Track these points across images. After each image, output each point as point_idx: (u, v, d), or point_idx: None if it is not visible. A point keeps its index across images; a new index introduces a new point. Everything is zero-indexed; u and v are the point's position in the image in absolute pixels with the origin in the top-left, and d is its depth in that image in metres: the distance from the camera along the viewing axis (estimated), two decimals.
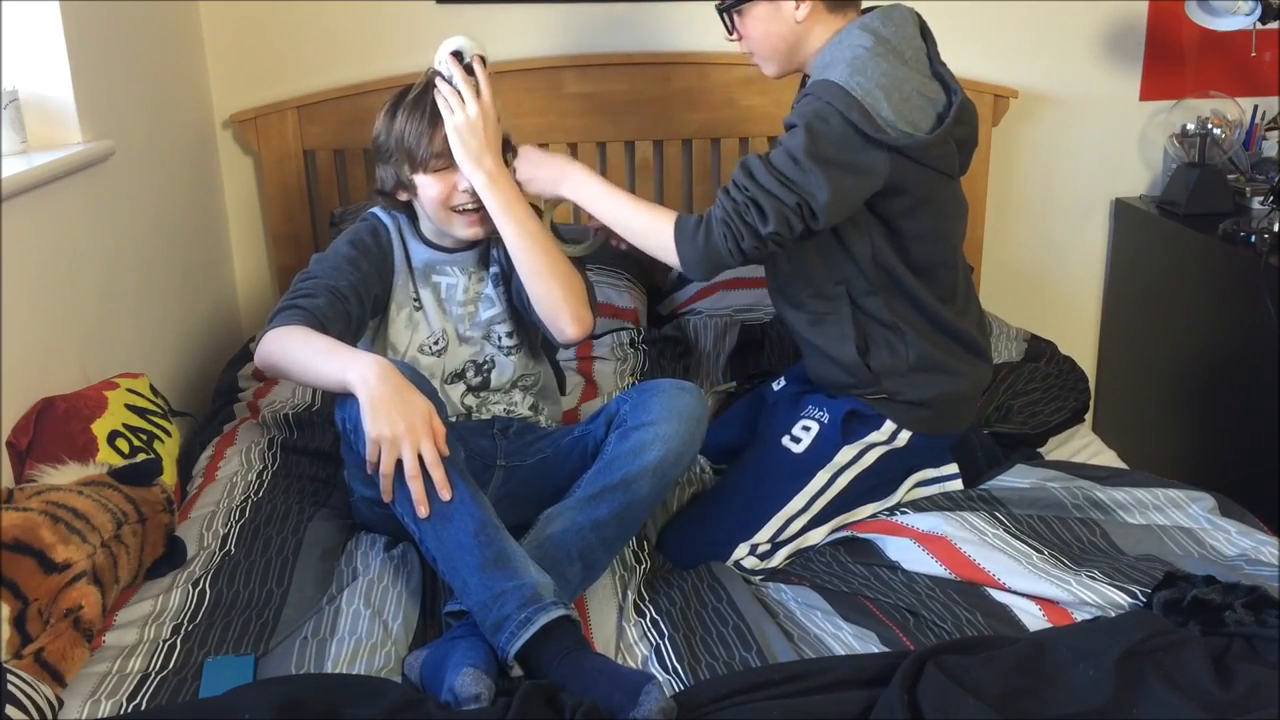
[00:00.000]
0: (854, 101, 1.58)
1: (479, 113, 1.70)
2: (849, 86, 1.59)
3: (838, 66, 1.63)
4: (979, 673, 1.29)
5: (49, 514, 1.44)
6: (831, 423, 1.78)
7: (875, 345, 1.76)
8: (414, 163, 1.73)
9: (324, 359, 1.56)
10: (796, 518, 1.76)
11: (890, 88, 1.60)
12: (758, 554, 1.75)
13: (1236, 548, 1.64)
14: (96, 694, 1.35)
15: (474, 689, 1.30)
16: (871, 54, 1.62)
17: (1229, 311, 2.51)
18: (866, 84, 1.59)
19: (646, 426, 1.62)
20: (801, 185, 1.59)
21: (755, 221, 1.61)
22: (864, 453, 1.78)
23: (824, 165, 1.58)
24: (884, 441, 1.78)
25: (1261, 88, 2.80)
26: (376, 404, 1.48)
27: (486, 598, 1.43)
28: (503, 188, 1.72)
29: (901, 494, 1.83)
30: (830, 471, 1.77)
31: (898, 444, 1.78)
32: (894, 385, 1.76)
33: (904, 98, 1.62)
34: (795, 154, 1.59)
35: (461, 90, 1.70)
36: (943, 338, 1.77)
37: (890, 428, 1.78)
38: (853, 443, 1.77)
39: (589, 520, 1.58)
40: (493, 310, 1.85)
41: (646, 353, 2.31)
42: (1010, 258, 2.91)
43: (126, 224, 2.11)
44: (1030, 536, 1.67)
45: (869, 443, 1.78)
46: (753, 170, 1.62)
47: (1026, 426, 2.08)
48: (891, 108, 1.60)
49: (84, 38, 1.94)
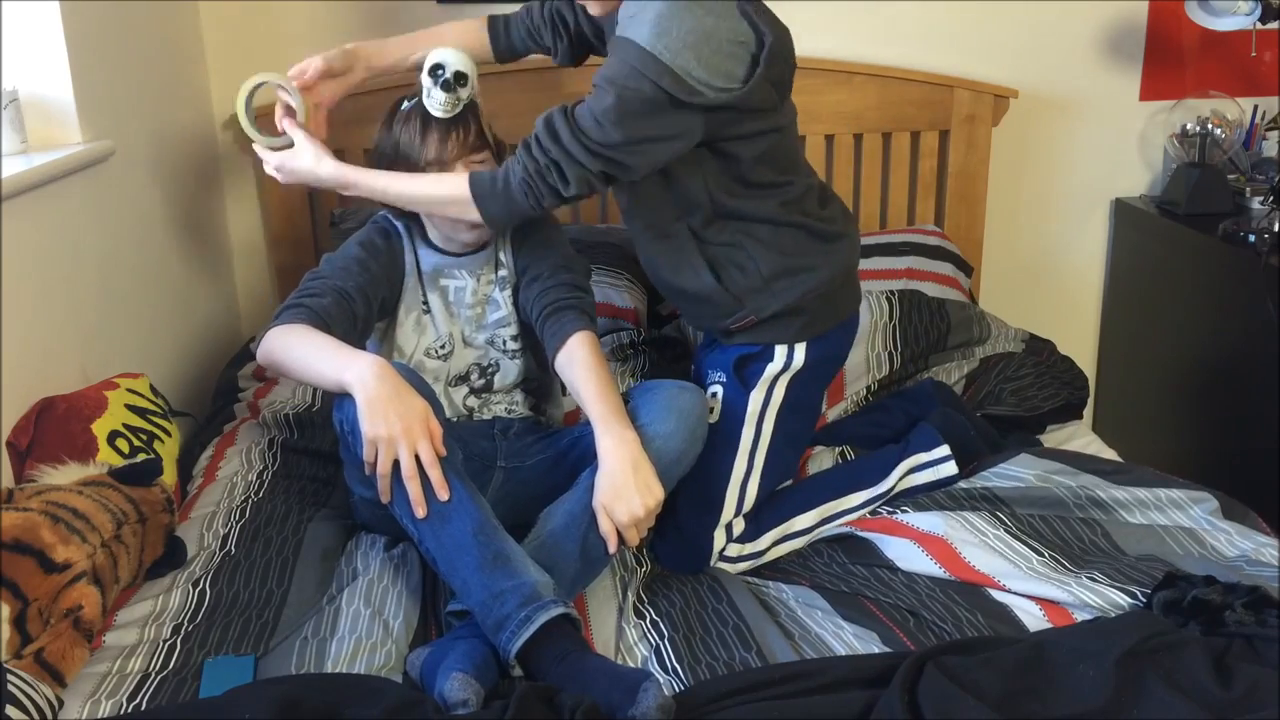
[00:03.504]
0: (663, 68, 1.51)
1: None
2: (656, 51, 1.51)
3: (642, 24, 1.53)
4: (979, 673, 1.29)
5: (49, 514, 1.44)
6: (729, 378, 1.78)
7: (724, 269, 1.74)
8: (413, 170, 1.73)
9: (323, 358, 1.57)
10: (748, 479, 1.77)
11: (699, 43, 1.52)
12: (735, 537, 1.75)
13: (1237, 549, 1.64)
14: (96, 694, 1.35)
15: (461, 694, 1.30)
16: (675, 8, 1.52)
17: (1229, 311, 2.51)
18: (674, 45, 1.51)
19: (645, 425, 1.63)
20: (607, 152, 1.57)
21: (556, 183, 1.61)
22: (771, 388, 1.78)
23: (632, 132, 1.55)
24: (783, 369, 1.78)
25: (1261, 88, 2.80)
26: (374, 404, 1.48)
27: (486, 597, 1.43)
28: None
29: (894, 480, 1.83)
30: (751, 423, 1.77)
31: (797, 364, 1.78)
32: (757, 302, 1.74)
33: (714, 50, 1.54)
34: (601, 119, 1.55)
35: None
36: (789, 239, 1.74)
37: (781, 352, 1.77)
38: (755, 386, 1.77)
39: (589, 517, 1.58)
40: (499, 313, 1.85)
41: (646, 353, 2.31)
42: (1010, 258, 2.91)
43: (126, 224, 2.11)
44: (1031, 537, 1.67)
45: (769, 376, 1.77)
46: (557, 130, 1.59)
47: (1019, 409, 2.09)
48: (703, 65, 1.53)
49: (84, 38, 1.94)
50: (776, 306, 1.74)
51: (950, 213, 2.75)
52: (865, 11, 2.67)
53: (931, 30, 2.71)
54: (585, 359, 1.68)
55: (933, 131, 2.70)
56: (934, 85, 2.66)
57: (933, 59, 2.71)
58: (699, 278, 1.75)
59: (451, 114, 1.71)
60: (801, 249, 1.75)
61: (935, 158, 2.72)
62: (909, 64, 2.69)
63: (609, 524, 1.56)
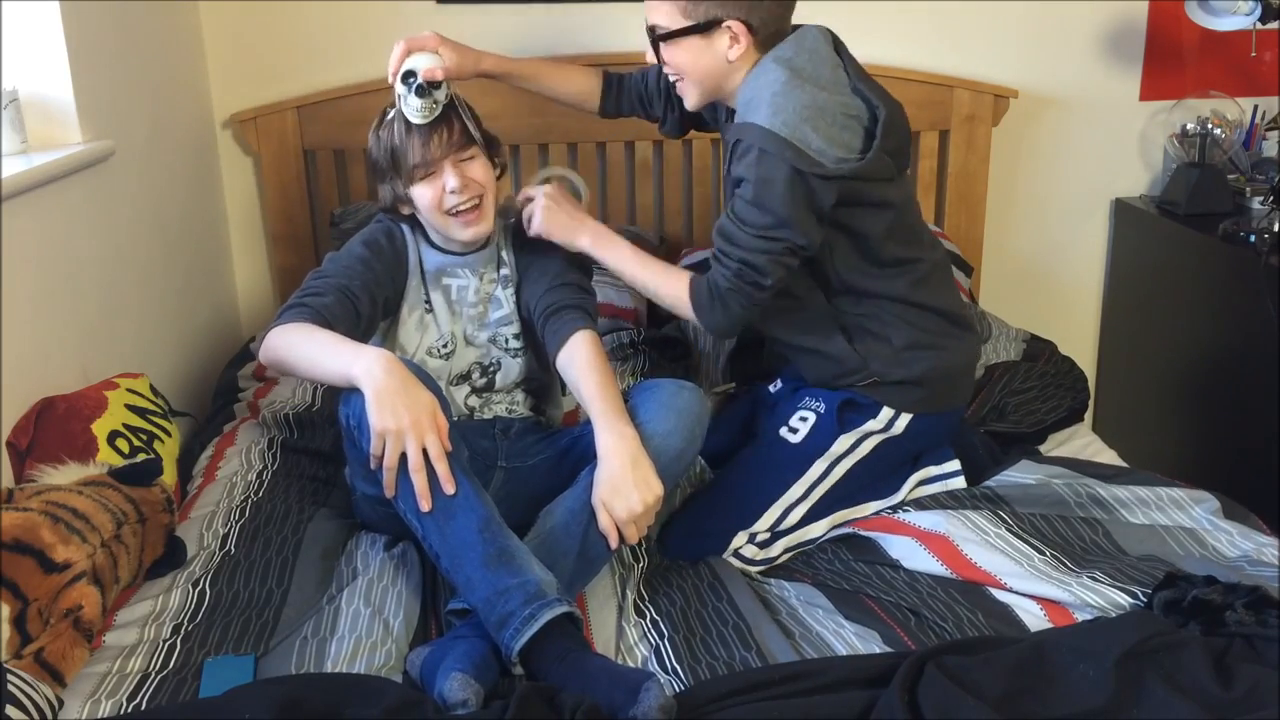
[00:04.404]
0: (784, 142, 1.60)
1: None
2: (774, 128, 1.61)
3: (759, 106, 1.64)
4: (979, 673, 1.29)
5: (49, 514, 1.44)
6: (828, 412, 1.80)
7: (858, 334, 1.78)
8: (403, 175, 1.73)
9: (329, 354, 1.57)
10: (795, 506, 1.77)
11: (814, 117, 1.62)
12: (756, 542, 1.75)
13: (1238, 549, 1.64)
14: (96, 694, 1.35)
15: (460, 694, 1.31)
16: (787, 88, 1.63)
17: (1229, 311, 2.51)
18: (791, 120, 1.61)
19: (645, 424, 1.63)
20: (776, 231, 1.64)
21: (757, 279, 1.68)
22: (861, 441, 1.79)
23: (784, 206, 1.62)
24: (880, 430, 1.79)
25: (1261, 88, 2.81)
26: (381, 397, 1.48)
27: (490, 594, 1.43)
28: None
29: (905, 492, 1.83)
30: (828, 460, 1.78)
31: (894, 432, 1.80)
32: (883, 368, 1.77)
33: (829, 123, 1.63)
34: (757, 205, 1.64)
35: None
36: (925, 319, 1.79)
37: (887, 415, 1.79)
38: (849, 431, 1.79)
39: (588, 515, 1.58)
40: (501, 312, 1.85)
41: (646, 353, 2.31)
42: (1010, 258, 2.91)
43: (126, 224, 2.11)
44: (1033, 536, 1.67)
45: (865, 431, 1.79)
46: (730, 235, 1.68)
47: (1022, 425, 2.08)
48: (820, 136, 1.62)
49: (84, 38, 1.94)
50: (903, 374, 1.78)
51: (950, 213, 2.75)
52: (865, 12, 2.67)
53: (931, 30, 2.71)
54: (586, 357, 1.68)
55: (933, 131, 2.70)
56: (934, 85, 2.66)
57: (933, 59, 2.71)
58: (830, 341, 1.79)
59: (430, 118, 1.71)
60: (936, 329, 1.80)
61: (935, 158, 2.72)
62: (909, 64, 2.69)
63: (608, 520, 1.56)
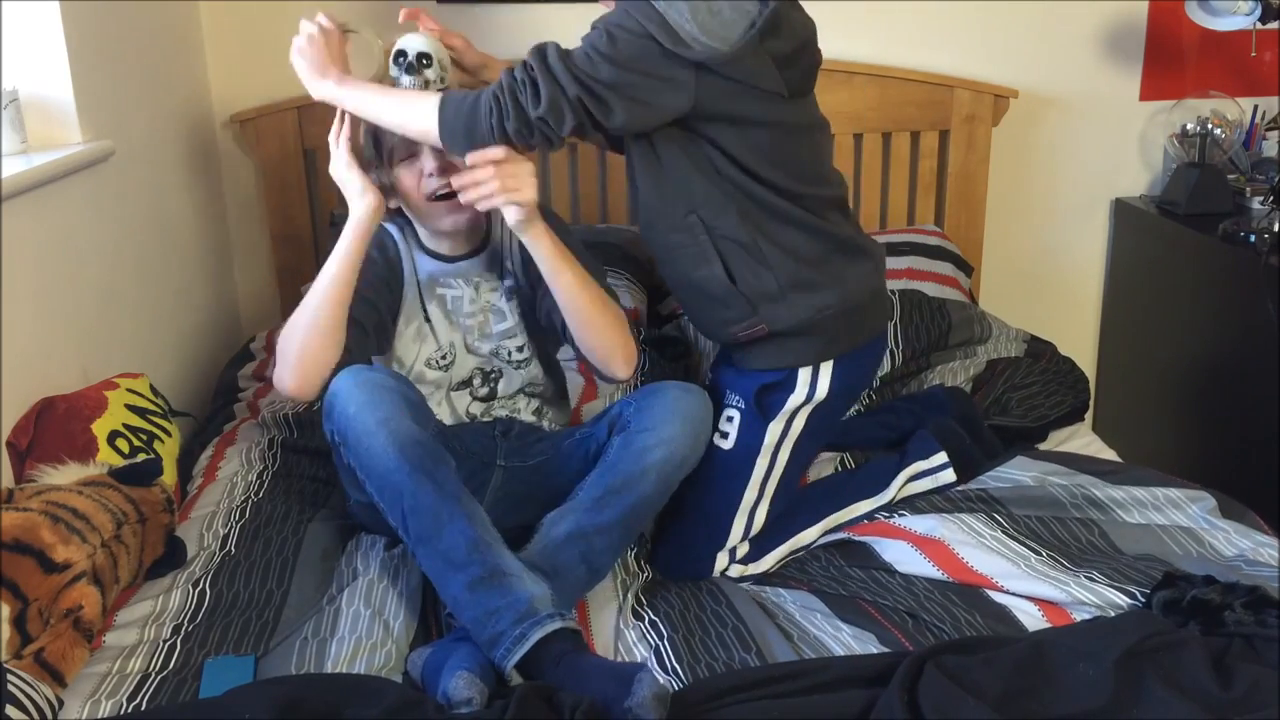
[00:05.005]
0: (654, 14, 1.52)
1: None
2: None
3: None
4: (979, 673, 1.29)
5: (49, 514, 1.44)
6: (748, 406, 1.73)
7: (739, 270, 1.67)
8: (384, 158, 1.73)
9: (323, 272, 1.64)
10: (756, 508, 1.75)
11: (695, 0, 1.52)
12: (739, 559, 1.74)
13: (1236, 548, 1.64)
14: (96, 694, 1.35)
15: (466, 693, 1.31)
16: None
17: (1229, 311, 2.51)
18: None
19: (650, 430, 1.62)
20: (590, 83, 1.53)
21: (526, 102, 1.54)
22: (791, 420, 1.74)
23: (618, 66, 1.53)
24: (805, 401, 1.73)
25: (1261, 88, 2.80)
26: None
27: (480, 614, 1.43)
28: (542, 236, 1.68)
29: (895, 490, 1.82)
30: (766, 455, 1.74)
31: (819, 396, 1.73)
32: (771, 311, 1.68)
33: (711, 11, 1.52)
34: (591, 53, 1.54)
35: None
36: (813, 248, 1.68)
37: (804, 381, 1.72)
38: (775, 417, 1.73)
39: (593, 524, 1.58)
40: (505, 324, 1.83)
41: (646, 353, 2.31)
42: (1010, 258, 2.91)
43: (126, 224, 2.11)
44: (1028, 537, 1.67)
45: (790, 409, 1.73)
46: (545, 54, 1.55)
47: (1026, 420, 2.08)
48: (696, 21, 1.51)
49: (84, 38, 1.94)
50: (790, 321, 1.68)
51: (950, 213, 2.75)
52: (865, 11, 2.67)
53: (931, 30, 2.71)
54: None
55: (933, 131, 2.70)
56: (934, 85, 2.66)
57: (933, 59, 2.71)
58: (710, 270, 1.68)
59: None
60: (826, 261, 1.69)
61: (935, 158, 2.72)
62: (909, 64, 2.69)
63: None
